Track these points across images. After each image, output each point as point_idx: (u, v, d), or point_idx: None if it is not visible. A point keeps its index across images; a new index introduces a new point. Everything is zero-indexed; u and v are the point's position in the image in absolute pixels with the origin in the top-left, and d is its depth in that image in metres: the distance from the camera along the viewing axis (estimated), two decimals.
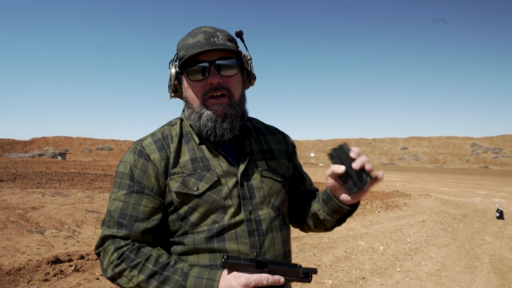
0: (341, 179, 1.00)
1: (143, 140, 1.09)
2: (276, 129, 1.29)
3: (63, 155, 57.37)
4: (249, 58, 1.15)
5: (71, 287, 3.78)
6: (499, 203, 12.01)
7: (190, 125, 1.11)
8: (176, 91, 1.13)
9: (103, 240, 1.00)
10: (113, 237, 0.99)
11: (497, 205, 10.26)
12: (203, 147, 1.08)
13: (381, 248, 5.93)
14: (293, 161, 1.26)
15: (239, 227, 1.01)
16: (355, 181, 0.95)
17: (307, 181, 1.31)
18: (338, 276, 4.51)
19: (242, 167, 1.07)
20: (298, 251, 5.55)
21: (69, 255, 4.59)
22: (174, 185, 1.01)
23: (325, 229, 1.19)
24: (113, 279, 0.97)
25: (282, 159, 1.18)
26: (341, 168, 0.97)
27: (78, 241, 5.63)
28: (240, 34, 1.12)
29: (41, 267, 4.13)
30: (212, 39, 1.03)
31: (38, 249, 5.07)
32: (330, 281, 4.29)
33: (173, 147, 1.07)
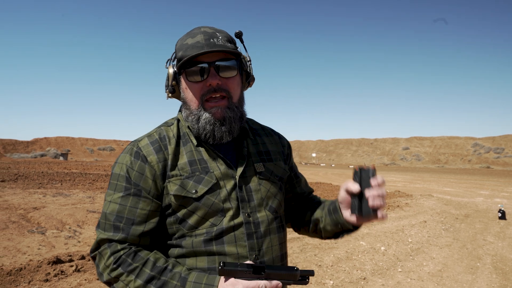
0: (352, 197, 1.03)
1: (139, 141, 1.06)
2: (272, 130, 1.28)
3: (65, 155, 57.46)
4: (249, 59, 1.14)
5: (72, 287, 3.78)
6: (501, 203, 11.95)
7: (187, 126, 1.09)
8: (174, 91, 1.11)
9: (98, 243, 0.98)
10: (109, 240, 0.97)
11: (499, 205, 10.23)
12: (201, 149, 1.07)
13: (383, 248, 5.92)
14: (289, 163, 1.26)
15: (238, 230, 1.00)
16: (360, 206, 0.99)
17: (302, 182, 1.30)
18: (339, 276, 4.50)
19: (240, 170, 1.06)
20: (299, 251, 5.54)
21: (70, 256, 4.60)
22: (172, 187, 1.00)
23: (320, 237, 1.19)
24: (109, 283, 0.96)
25: (278, 161, 1.18)
26: (355, 187, 0.99)
27: (79, 241, 5.64)
28: (239, 35, 1.11)
29: (42, 267, 4.13)
30: (211, 40, 1.01)
31: (39, 249, 5.08)
32: (331, 282, 4.28)
33: (170, 149, 1.05)
